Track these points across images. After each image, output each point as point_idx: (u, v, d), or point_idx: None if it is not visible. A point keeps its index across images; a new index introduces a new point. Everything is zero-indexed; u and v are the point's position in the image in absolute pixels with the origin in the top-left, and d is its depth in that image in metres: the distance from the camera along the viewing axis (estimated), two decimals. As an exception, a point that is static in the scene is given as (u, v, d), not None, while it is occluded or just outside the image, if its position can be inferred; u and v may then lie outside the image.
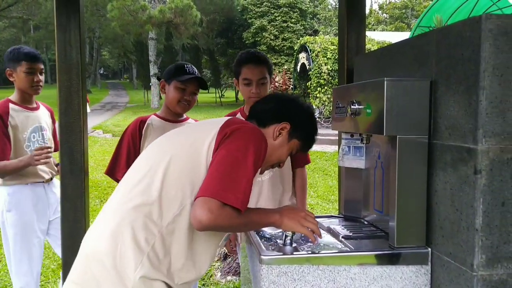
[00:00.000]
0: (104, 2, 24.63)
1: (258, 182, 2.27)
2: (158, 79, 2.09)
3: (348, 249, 1.50)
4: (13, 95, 2.58)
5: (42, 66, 2.59)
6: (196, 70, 2.33)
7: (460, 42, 1.29)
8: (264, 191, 2.26)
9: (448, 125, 1.34)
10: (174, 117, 2.32)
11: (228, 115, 2.40)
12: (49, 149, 2.44)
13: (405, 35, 17.15)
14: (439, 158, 1.38)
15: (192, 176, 1.28)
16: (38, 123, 2.61)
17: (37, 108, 2.67)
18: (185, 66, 2.27)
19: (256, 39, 28.43)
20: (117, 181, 2.05)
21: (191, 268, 1.35)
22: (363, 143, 1.75)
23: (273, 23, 28.35)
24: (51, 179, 2.63)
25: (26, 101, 2.59)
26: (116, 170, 2.15)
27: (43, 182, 2.56)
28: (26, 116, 2.55)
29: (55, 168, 2.65)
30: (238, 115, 2.38)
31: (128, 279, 1.23)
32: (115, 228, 1.27)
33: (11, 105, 2.52)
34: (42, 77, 2.58)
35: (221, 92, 31.24)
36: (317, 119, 15.76)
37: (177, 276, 1.33)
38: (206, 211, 1.16)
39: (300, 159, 2.38)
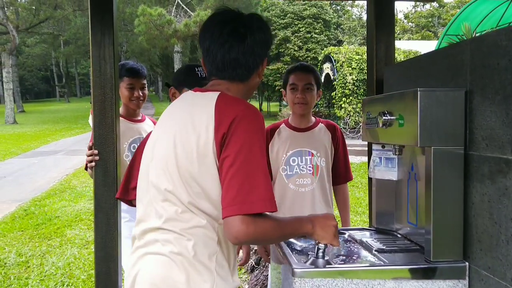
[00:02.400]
0: (131, 17, 25.26)
1: (300, 192, 2.28)
2: (168, 85, 1.96)
3: (382, 263, 1.47)
4: (120, 108, 2.69)
5: (143, 81, 2.70)
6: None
7: (495, 51, 1.27)
8: (304, 202, 2.27)
9: (485, 136, 1.31)
10: None
11: (271, 127, 2.43)
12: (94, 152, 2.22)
13: (432, 44, 16.90)
14: (476, 170, 1.35)
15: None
16: (139, 134, 2.71)
17: (141, 120, 2.79)
18: (196, 69, 1.94)
19: (280, 50, 28.54)
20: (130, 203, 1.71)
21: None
22: (396, 154, 1.73)
23: (297, 34, 28.44)
24: None
25: (130, 114, 2.74)
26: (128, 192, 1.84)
27: None
28: (127, 127, 2.65)
29: None
30: (282, 126, 2.41)
31: None
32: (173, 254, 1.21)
33: None
34: (144, 92, 2.69)
35: (245, 103, 31.34)
36: (343, 129, 15.69)
37: (235, 274, 1.31)
38: (240, 227, 1.10)
39: (341, 175, 2.40)
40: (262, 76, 1.39)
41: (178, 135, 1.24)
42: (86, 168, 2.27)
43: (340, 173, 2.39)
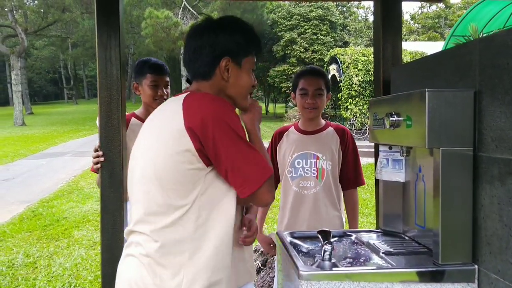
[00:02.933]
0: (139, 20, 25.39)
1: (303, 195, 2.27)
2: (188, 81, 1.85)
3: (390, 266, 1.45)
4: (139, 109, 2.54)
5: (167, 79, 2.51)
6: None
7: (504, 51, 1.25)
8: (306, 204, 2.25)
9: (494, 136, 1.29)
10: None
11: (280, 130, 2.44)
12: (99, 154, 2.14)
13: (438, 45, 16.80)
14: (485, 171, 1.33)
15: None
16: None
17: None
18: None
19: (286, 52, 28.52)
20: None
21: None
22: (403, 156, 1.71)
23: (303, 35, 28.40)
24: None
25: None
26: None
27: None
28: None
29: None
30: (291, 129, 2.42)
31: None
32: None
33: (132, 119, 2.48)
34: (167, 91, 2.49)
35: (252, 105, 31.33)
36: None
37: None
38: (268, 195, 1.29)
39: (350, 180, 2.37)
40: (228, 78, 1.36)
41: (155, 138, 1.29)
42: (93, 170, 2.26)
43: (348, 177, 2.36)
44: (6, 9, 27.53)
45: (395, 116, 1.54)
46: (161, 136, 1.26)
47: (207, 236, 1.25)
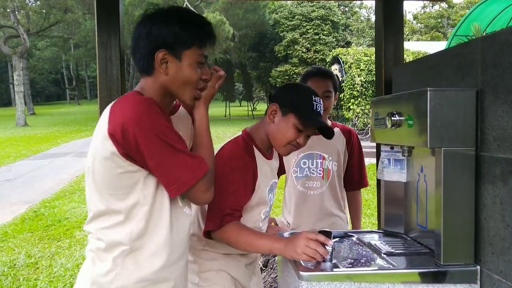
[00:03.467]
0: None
1: (309, 195, 2.26)
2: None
3: (391, 266, 1.44)
4: None
5: None
6: None
7: (507, 50, 1.24)
8: (312, 204, 2.24)
9: (496, 136, 1.28)
10: None
11: None
12: None
13: (441, 45, 16.77)
14: (488, 171, 1.32)
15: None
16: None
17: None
18: None
19: (288, 52, 28.48)
20: None
21: None
22: (405, 156, 1.70)
23: (305, 35, 28.35)
24: None
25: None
26: None
27: None
28: None
29: None
30: None
31: None
32: None
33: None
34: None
35: (253, 105, 31.42)
36: (351, 131, 15.62)
37: None
38: (202, 195, 1.29)
39: (354, 181, 2.36)
40: (167, 72, 1.28)
41: (92, 143, 1.28)
42: None
43: (353, 179, 2.35)
44: (8, 10, 27.60)
45: (396, 116, 1.53)
46: (94, 141, 1.26)
47: (146, 238, 1.26)
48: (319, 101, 1.63)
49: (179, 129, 1.31)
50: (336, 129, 2.36)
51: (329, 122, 2.39)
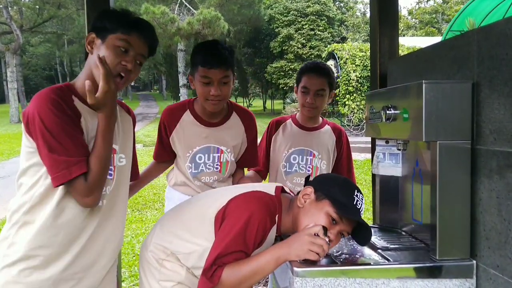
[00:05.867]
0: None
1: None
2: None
3: (387, 261, 1.43)
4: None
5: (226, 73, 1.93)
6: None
7: (504, 41, 1.22)
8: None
9: (493, 129, 1.26)
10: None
11: (278, 119, 2.41)
12: None
13: (436, 40, 16.79)
14: (484, 165, 1.30)
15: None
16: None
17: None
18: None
19: (284, 48, 28.40)
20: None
21: None
22: (400, 150, 1.68)
23: (300, 31, 28.27)
24: None
25: None
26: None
27: None
28: None
29: None
30: (289, 121, 2.38)
31: None
32: None
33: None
34: (225, 88, 1.95)
35: (249, 101, 31.37)
36: (346, 126, 15.63)
37: None
38: (81, 199, 1.36)
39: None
40: (92, 52, 1.42)
41: None
42: None
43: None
44: (1, 6, 27.32)
45: (391, 109, 1.51)
46: None
47: (35, 216, 1.36)
48: (361, 198, 1.45)
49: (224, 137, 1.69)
50: (327, 127, 2.35)
51: (320, 120, 2.37)
